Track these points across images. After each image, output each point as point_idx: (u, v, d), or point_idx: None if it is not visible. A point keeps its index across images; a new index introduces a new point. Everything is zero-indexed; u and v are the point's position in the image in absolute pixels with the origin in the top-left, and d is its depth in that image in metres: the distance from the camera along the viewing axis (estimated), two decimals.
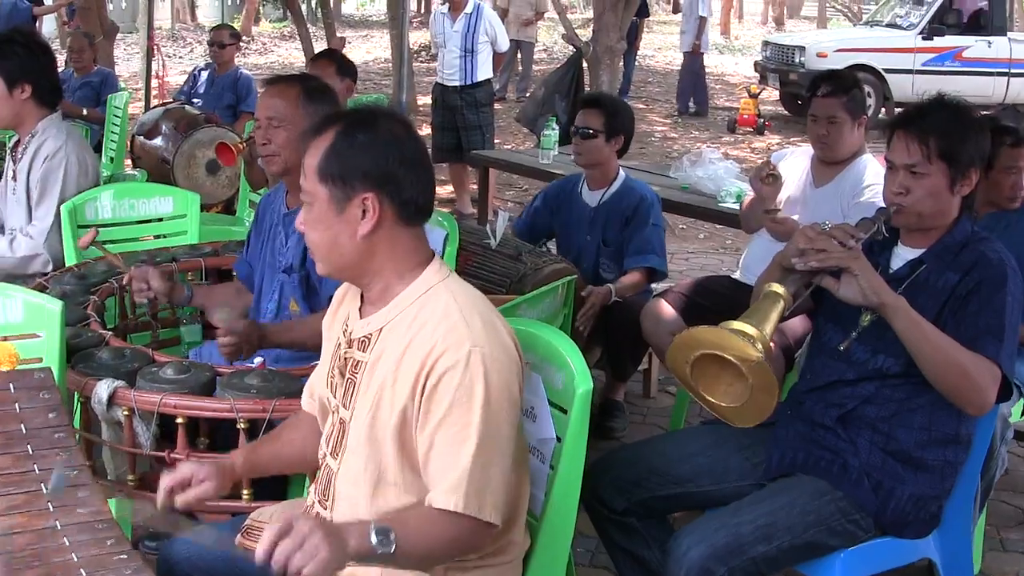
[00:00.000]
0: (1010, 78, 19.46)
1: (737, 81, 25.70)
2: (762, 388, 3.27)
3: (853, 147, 5.48)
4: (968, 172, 3.68)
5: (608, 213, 6.12)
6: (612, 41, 13.12)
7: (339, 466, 2.95)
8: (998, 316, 3.54)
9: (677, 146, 17.17)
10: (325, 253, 2.92)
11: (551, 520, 3.13)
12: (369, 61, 26.34)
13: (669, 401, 6.72)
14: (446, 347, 2.74)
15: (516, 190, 13.27)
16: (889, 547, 3.71)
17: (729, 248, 11.09)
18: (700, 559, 3.37)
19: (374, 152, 2.85)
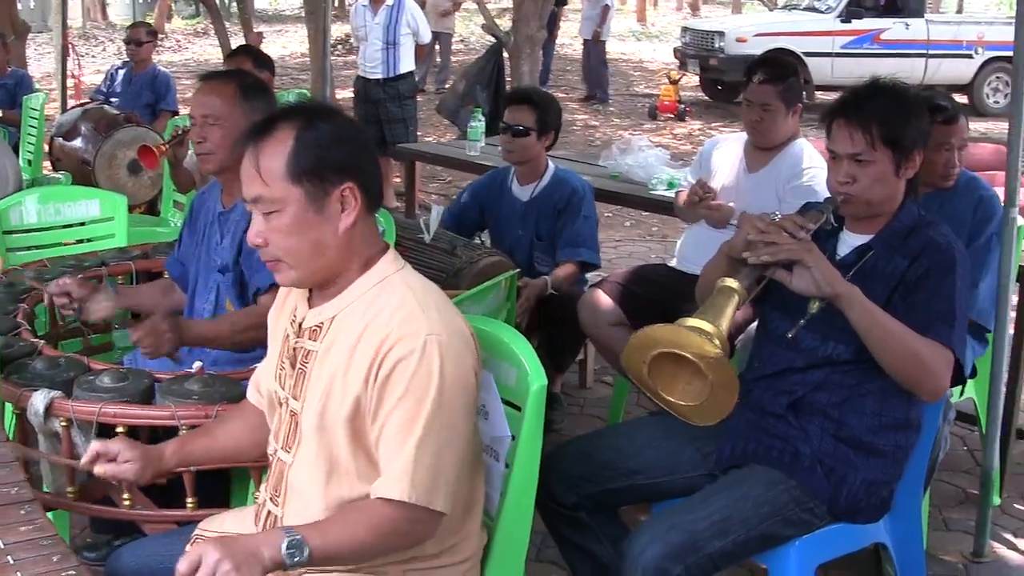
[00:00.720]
0: (928, 59, 19.68)
1: (656, 68, 25.80)
2: (722, 385, 3.24)
3: (787, 133, 5.49)
4: (912, 155, 3.67)
5: (540, 207, 6.09)
6: (532, 30, 13.15)
7: (293, 459, 2.90)
8: (948, 301, 3.53)
9: (599, 134, 17.21)
10: (306, 257, 2.81)
11: (508, 519, 3.10)
12: (285, 56, 26.16)
13: (606, 391, 6.71)
14: (401, 335, 2.70)
15: (440, 182, 13.23)
16: (842, 533, 3.71)
17: (656, 235, 11.11)
18: (655, 559, 3.33)
19: (343, 141, 2.80)
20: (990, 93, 20.27)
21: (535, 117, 5.95)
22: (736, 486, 3.58)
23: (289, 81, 20.84)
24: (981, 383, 5.13)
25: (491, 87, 12.86)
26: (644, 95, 21.80)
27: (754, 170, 5.54)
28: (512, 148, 6.04)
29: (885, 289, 3.61)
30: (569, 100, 20.24)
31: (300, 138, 2.76)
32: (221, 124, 4.16)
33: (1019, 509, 5.41)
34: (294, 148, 2.75)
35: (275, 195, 2.76)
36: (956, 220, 4.82)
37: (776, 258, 3.48)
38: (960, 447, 6.02)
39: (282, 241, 2.79)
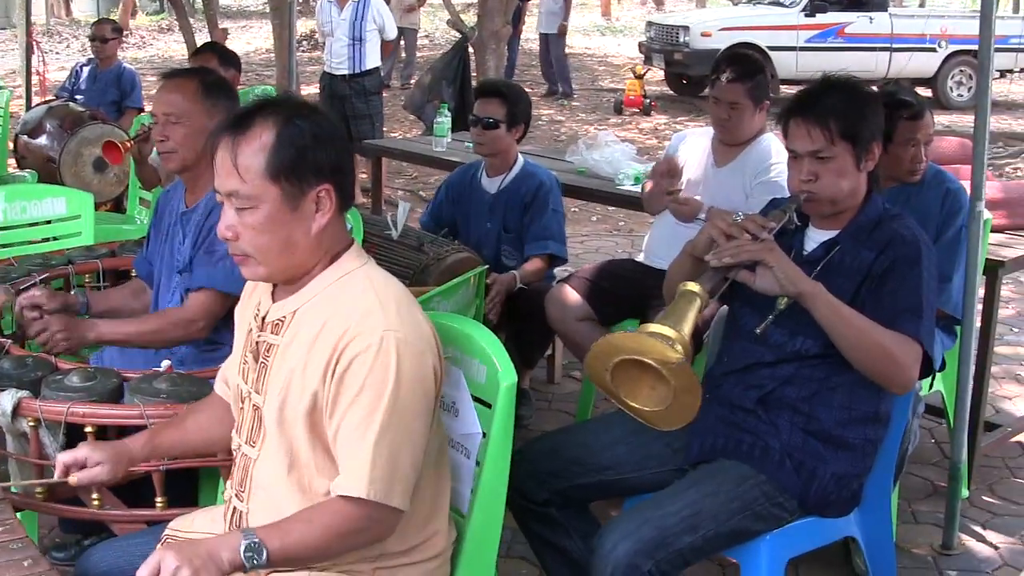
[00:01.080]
0: (892, 53, 19.77)
1: (621, 62, 25.81)
2: (685, 389, 3.23)
3: (754, 130, 5.51)
4: (871, 147, 3.70)
5: (508, 199, 6.08)
6: (497, 25, 13.14)
7: (257, 454, 2.89)
8: (915, 293, 3.55)
9: (564, 129, 17.22)
10: (275, 256, 2.80)
11: (479, 515, 3.09)
12: (250, 52, 26.07)
13: (574, 386, 6.72)
14: (359, 331, 2.69)
15: (406, 178, 13.21)
16: (813, 527, 3.73)
17: (623, 230, 11.12)
18: (626, 555, 3.34)
19: (323, 142, 2.78)
20: (954, 86, 20.39)
21: (505, 110, 5.95)
22: (706, 481, 3.58)
23: (254, 78, 20.77)
24: (949, 376, 5.15)
25: (456, 82, 12.84)
26: (609, 90, 21.81)
27: (722, 164, 5.55)
28: (483, 140, 6.03)
29: (852, 283, 3.62)
30: (534, 95, 20.19)
31: (281, 136, 2.73)
32: (183, 122, 4.14)
33: (987, 501, 5.44)
34: (274, 146, 2.72)
35: (251, 192, 2.73)
36: (923, 214, 4.84)
37: (737, 260, 3.48)
38: (928, 440, 6.05)
39: (253, 238, 2.77)
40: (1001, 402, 6.71)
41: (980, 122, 4.65)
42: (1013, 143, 15.86)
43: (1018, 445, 6.06)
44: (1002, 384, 7.02)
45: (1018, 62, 21.08)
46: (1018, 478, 5.72)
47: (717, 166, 5.57)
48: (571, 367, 6.90)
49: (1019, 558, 4.92)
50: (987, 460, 5.77)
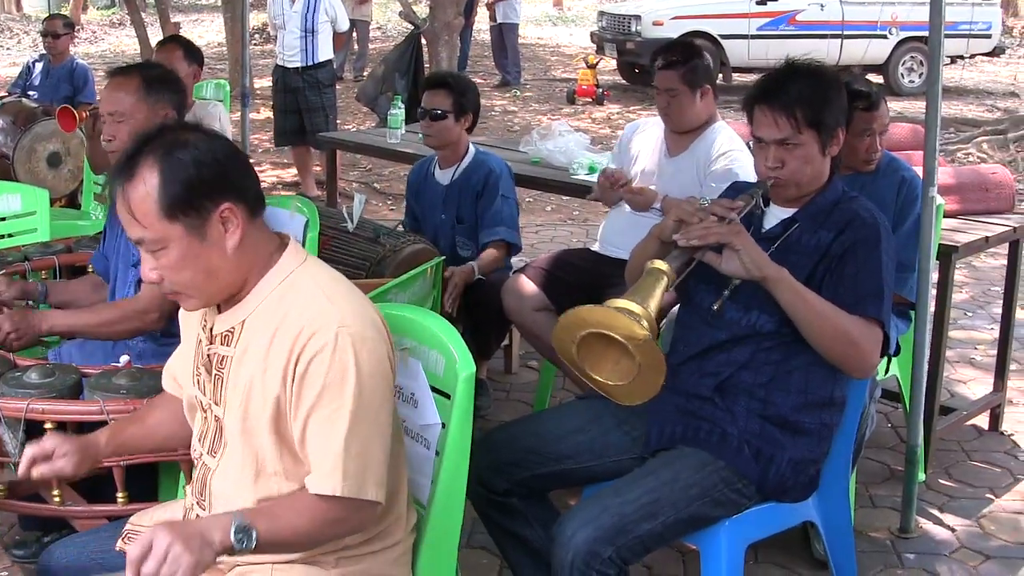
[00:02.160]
0: (843, 40, 19.84)
1: (573, 52, 25.83)
2: (650, 366, 3.25)
3: (700, 117, 5.50)
4: (835, 132, 3.74)
5: (460, 190, 6.08)
6: (450, 17, 13.12)
7: (217, 464, 2.88)
8: (876, 276, 3.59)
9: (518, 119, 17.23)
10: (202, 286, 2.78)
11: (439, 506, 3.09)
12: (202, 46, 25.84)
13: (531, 376, 6.73)
14: (314, 330, 2.68)
15: (360, 170, 13.19)
16: (771, 513, 3.75)
17: (577, 219, 11.14)
18: (586, 542, 3.35)
19: (206, 164, 2.72)
20: (905, 73, 20.51)
21: (451, 100, 5.95)
22: (665, 468, 3.59)
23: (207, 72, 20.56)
24: (904, 361, 5.19)
25: (409, 74, 12.82)
26: (562, 80, 21.83)
27: (674, 154, 5.56)
28: (430, 132, 6.03)
29: (809, 261, 3.65)
30: (487, 86, 20.23)
31: (163, 173, 2.68)
32: (127, 121, 4.12)
33: (944, 484, 5.49)
34: (160, 185, 2.68)
35: (156, 236, 2.70)
36: (879, 202, 4.83)
37: (705, 240, 3.50)
38: (885, 424, 6.10)
39: (175, 276, 2.76)
40: (956, 386, 6.77)
41: (931, 109, 4.69)
42: (965, 129, 15.96)
43: (973, 428, 6.12)
44: (957, 368, 7.07)
45: (969, 48, 21.23)
46: (974, 461, 5.77)
47: (670, 155, 5.58)
48: (528, 357, 6.91)
49: (976, 540, 4.96)
50: (943, 444, 5.82)
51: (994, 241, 5.74)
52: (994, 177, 6.11)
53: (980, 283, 9.03)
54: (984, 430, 6.15)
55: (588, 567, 3.34)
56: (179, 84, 4.34)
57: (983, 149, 14.42)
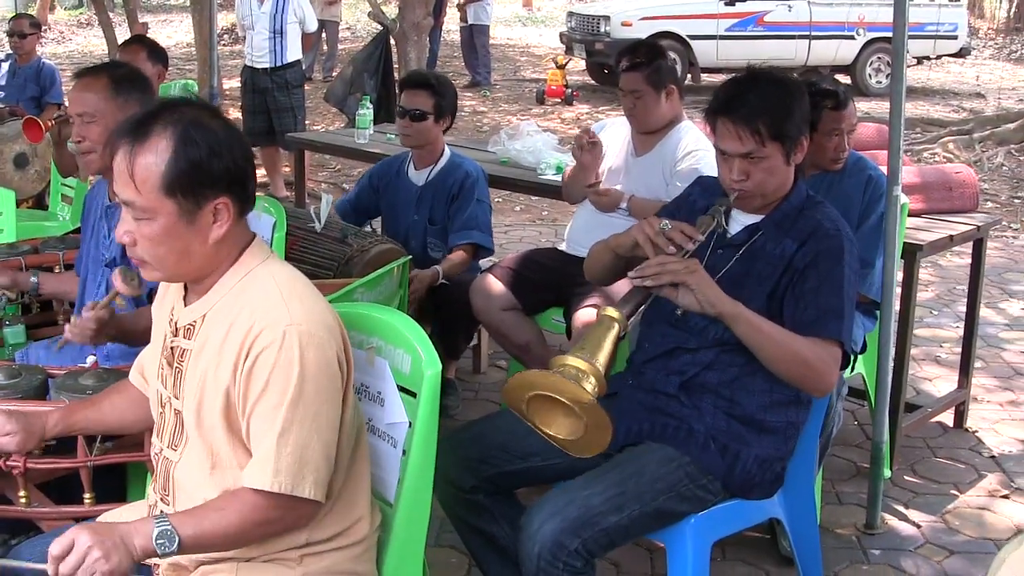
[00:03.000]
0: (811, 41, 19.93)
1: (543, 53, 25.85)
2: (596, 425, 3.26)
3: (665, 117, 5.53)
4: (799, 141, 3.73)
5: (435, 191, 6.09)
6: (419, 17, 13.13)
7: (179, 457, 2.90)
8: (838, 292, 3.60)
9: (487, 120, 17.23)
10: (172, 265, 2.80)
11: (407, 505, 3.10)
12: (171, 46, 25.81)
13: (500, 375, 6.74)
14: (263, 326, 2.71)
15: (329, 171, 13.18)
16: (737, 509, 3.77)
17: (546, 219, 11.16)
18: (552, 534, 3.36)
19: (221, 155, 2.75)
20: (872, 73, 20.60)
21: (433, 101, 5.96)
22: (631, 462, 3.61)
23: (176, 72, 20.58)
24: (870, 358, 5.22)
25: (378, 75, 12.81)
26: (531, 80, 21.84)
27: (641, 153, 5.58)
28: (410, 132, 6.03)
29: (774, 271, 3.67)
30: (456, 86, 20.17)
31: (177, 151, 2.70)
32: (97, 121, 4.10)
33: (910, 481, 5.52)
34: (170, 161, 2.70)
35: (147, 205, 2.72)
36: (846, 200, 4.91)
37: (659, 282, 3.50)
38: (851, 422, 6.13)
39: (150, 247, 2.77)
40: (921, 383, 6.81)
41: (895, 109, 4.72)
42: (931, 129, 16.05)
43: (939, 425, 6.17)
44: (922, 366, 7.12)
45: (935, 49, 21.36)
46: (939, 458, 5.81)
47: (636, 155, 5.60)
48: (497, 356, 6.93)
49: (941, 536, 5.00)
50: (909, 440, 5.86)
51: (958, 240, 5.79)
52: (958, 176, 6.15)
53: (945, 281, 9.09)
54: (949, 427, 6.19)
55: (555, 559, 3.35)
56: (147, 84, 4.33)
57: (949, 149, 14.51)
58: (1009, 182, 13.16)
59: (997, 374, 7.05)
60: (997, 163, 13.92)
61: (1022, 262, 9.91)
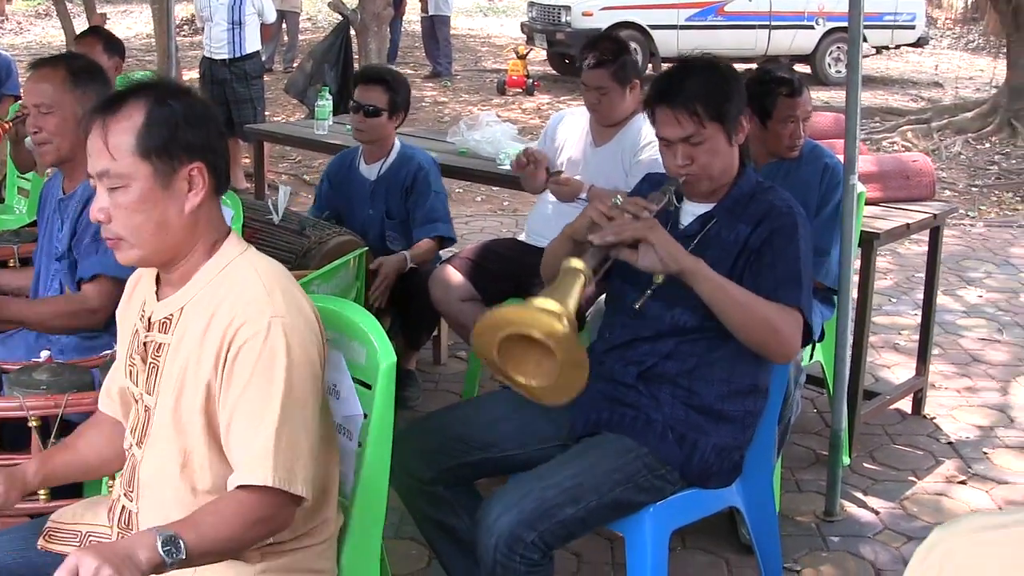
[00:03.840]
0: (771, 31, 19.99)
1: (504, 43, 25.83)
2: (572, 363, 3.20)
3: (628, 110, 5.55)
4: (739, 122, 3.76)
5: (388, 185, 6.08)
6: (379, 7, 13.11)
7: (143, 455, 2.86)
8: (794, 264, 3.62)
9: (448, 110, 17.22)
10: (150, 235, 2.76)
11: (363, 498, 3.10)
12: (131, 37, 25.67)
13: (460, 367, 6.74)
14: (246, 318, 2.68)
15: (290, 162, 13.15)
16: (695, 499, 3.77)
17: (507, 210, 11.15)
18: (510, 526, 3.35)
19: (194, 121, 2.76)
20: (832, 63, 20.68)
21: (387, 97, 5.94)
22: (588, 453, 3.61)
23: (135, 63, 20.47)
24: (828, 346, 5.25)
25: (339, 66, 12.78)
26: (492, 70, 21.84)
27: (600, 144, 5.59)
28: (363, 128, 6.01)
29: (729, 256, 3.67)
30: (417, 77, 20.21)
31: (151, 114, 2.71)
32: (54, 112, 4.09)
33: (868, 468, 5.55)
34: (144, 124, 2.70)
35: (122, 170, 2.70)
36: (803, 188, 4.93)
37: (620, 238, 3.48)
38: (810, 410, 6.16)
39: (126, 218, 2.74)
40: (880, 371, 6.85)
41: (852, 98, 4.74)
42: (889, 118, 16.13)
43: (897, 412, 6.20)
44: (881, 353, 7.16)
45: (894, 39, 21.46)
46: (897, 444, 5.84)
47: (596, 145, 5.62)
48: (457, 348, 6.92)
49: (899, 522, 5.04)
50: (867, 428, 5.89)
51: (915, 228, 5.82)
52: (915, 165, 6.18)
53: (904, 269, 9.14)
54: (907, 414, 6.23)
55: (511, 551, 3.33)
56: (104, 75, 4.31)
57: (907, 138, 14.59)
58: (966, 170, 13.24)
59: (955, 361, 7.10)
60: (955, 152, 14.01)
61: (979, 250, 9.97)
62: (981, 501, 5.26)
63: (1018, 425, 6.13)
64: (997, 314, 8.11)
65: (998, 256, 9.77)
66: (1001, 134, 14.49)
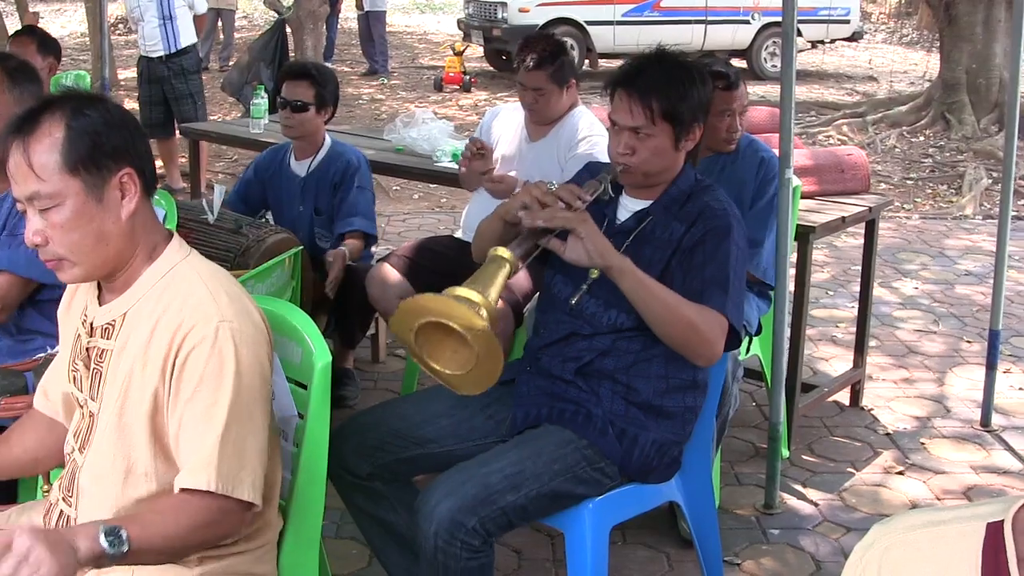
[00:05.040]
0: (707, 25, 20.08)
1: (441, 40, 25.84)
2: (488, 356, 3.19)
3: (564, 108, 5.57)
4: (692, 128, 3.73)
5: (318, 182, 6.05)
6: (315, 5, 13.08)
7: (85, 459, 2.82)
8: (723, 267, 3.61)
9: (385, 108, 17.17)
10: (90, 250, 2.71)
11: (300, 499, 3.08)
12: (64, 36, 25.47)
13: (398, 365, 6.72)
14: (194, 323, 2.65)
15: (227, 161, 13.07)
16: (635, 494, 3.78)
17: (444, 206, 11.14)
18: (450, 512, 3.32)
19: (115, 127, 2.71)
20: (768, 57, 20.78)
21: (314, 92, 5.90)
22: (529, 443, 3.59)
23: (69, 63, 20.30)
24: (766, 340, 5.26)
25: (275, 64, 12.72)
26: (429, 67, 21.84)
27: (536, 139, 5.60)
28: (291, 123, 5.97)
29: (663, 255, 3.67)
30: (354, 74, 20.17)
31: (71, 127, 2.65)
32: None
33: (807, 460, 5.59)
34: (67, 138, 2.64)
35: (52, 189, 2.64)
36: (739, 182, 4.95)
37: (550, 224, 3.47)
38: (750, 403, 6.19)
39: (64, 236, 2.69)
40: (818, 363, 6.89)
41: (786, 92, 4.77)
42: (825, 112, 16.23)
43: (835, 404, 6.24)
44: (819, 346, 7.20)
45: (829, 33, 21.60)
46: (836, 436, 5.88)
47: (531, 141, 5.62)
48: (395, 346, 6.90)
49: (838, 513, 5.07)
50: (806, 420, 5.92)
51: (850, 221, 5.85)
52: (850, 159, 6.22)
53: (841, 262, 9.19)
54: (845, 406, 6.28)
55: (452, 537, 3.31)
56: (37, 76, 4.26)
57: (843, 132, 14.70)
58: (902, 163, 13.34)
59: (891, 352, 7.16)
60: (890, 145, 14.11)
61: (915, 242, 10.06)
62: (919, 491, 5.29)
63: (954, 415, 6.19)
64: (933, 305, 8.19)
65: (933, 248, 9.86)
66: (935, 127, 14.61)
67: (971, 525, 1.60)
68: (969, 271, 9.13)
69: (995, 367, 6.02)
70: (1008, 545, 1.56)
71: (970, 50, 14.47)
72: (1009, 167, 5.81)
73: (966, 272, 9.10)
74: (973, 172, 12.36)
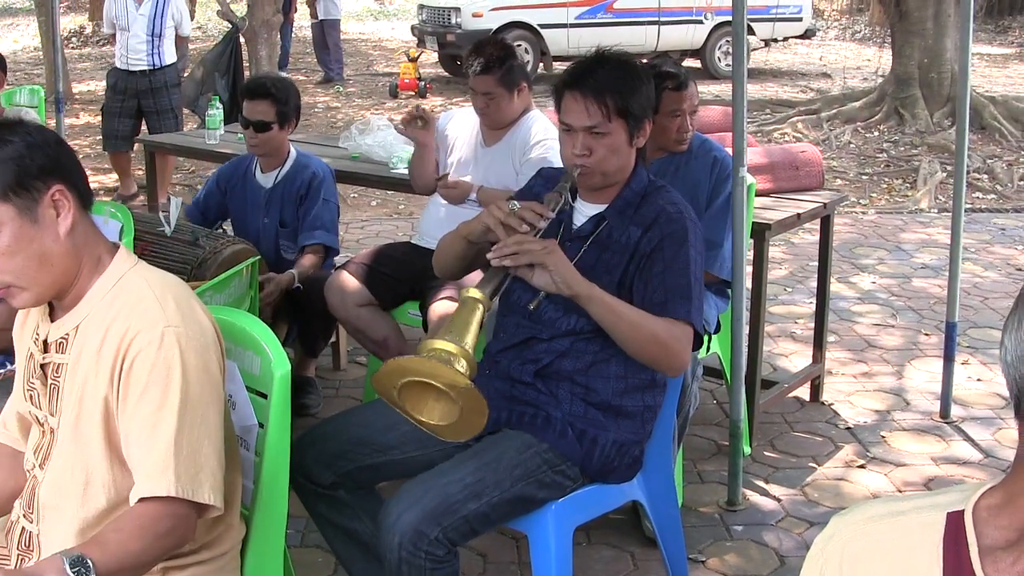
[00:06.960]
0: (661, 26, 20.15)
1: (395, 46, 25.84)
2: (472, 410, 3.18)
3: (517, 112, 5.57)
4: (643, 123, 3.76)
5: (283, 194, 6.03)
6: (268, 15, 13.05)
7: (45, 475, 2.82)
8: (683, 274, 3.63)
9: (341, 115, 17.15)
10: (35, 273, 2.70)
11: (263, 508, 3.08)
12: (17, 51, 25.32)
13: (359, 372, 6.71)
14: (139, 328, 2.65)
15: (183, 173, 13.01)
16: (597, 494, 3.80)
17: (403, 213, 11.13)
18: (412, 522, 3.33)
19: (37, 147, 2.68)
20: (721, 57, 20.88)
21: (275, 110, 5.85)
22: (489, 450, 3.60)
23: (23, 77, 20.19)
24: (725, 338, 5.29)
25: (229, 74, 12.68)
26: (384, 74, 21.81)
27: (490, 144, 5.61)
28: (256, 143, 5.93)
29: (621, 260, 3.69)
30: (309, 83, 20.13)
31: None
32: None
33: (769, 456, 5.62)
34: None
35: None
36: (693, 182, 4.97)
37: (518, 263, 3.47)
38: (710, 401, 6.22)
39: (7, 263, 2.68)
40: (778, 359, 6.93)
41: (738, 90, 4.79)
42: (780, 110, 16.31)
43: (795, 400, 6.27)
44: (778, 342, 7.23)
45: (781, 31, 21.72)
46: (797, 432, 5.91)
47: (486, 145, 5.63)
48: (356, 353, 6.89)
49: (801, 508, 5.10)
50: (766, 416, 5.95)
51: (806, 218, 5.89)
52: (803, 155, 6.25)
53: (798, 258, 9.23)
54: (805, 401, 6.31)
55: (416, 548, 3.32)
56: None
57: (798, 129, 14.77)
58: (856, 159, 13.40)
59: (850, 347, 7.20)
60: (844, 141, 14.18)
61: (871, 237, 10.11)
62: (880, 484, 5.33)
63: (914, 408, 6.23)
64: (890, 299, 8.24)
65: (889, 242, 9.92)
66: (889, 122, 14.70)
67: (931, 515, 1.61)
68: (925, 264, 9.19)
69: (953, 359, 6.07)
70: (969, 535, 1.57)
71: (921, 45, 14.57)
72: (961, 160, 5.86)
73: (922, 265, 9.17)
74: (927, 166, 12.45)
